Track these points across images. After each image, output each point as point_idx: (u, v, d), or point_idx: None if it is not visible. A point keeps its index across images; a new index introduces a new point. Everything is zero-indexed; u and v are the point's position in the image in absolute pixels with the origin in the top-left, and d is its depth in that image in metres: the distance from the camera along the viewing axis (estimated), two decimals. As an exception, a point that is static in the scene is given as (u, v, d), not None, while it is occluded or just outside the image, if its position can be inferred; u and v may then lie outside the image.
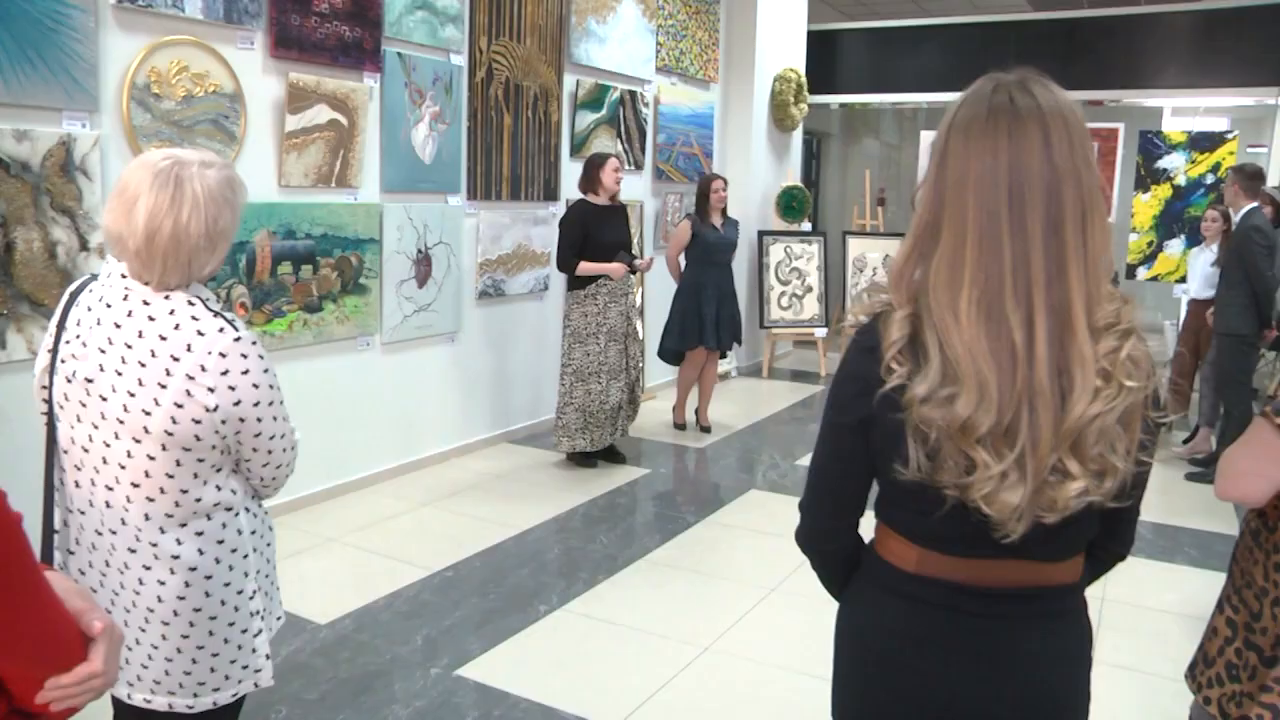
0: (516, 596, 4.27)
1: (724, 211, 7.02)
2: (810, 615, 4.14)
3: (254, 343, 1.95)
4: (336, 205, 5.20)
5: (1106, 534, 1.54)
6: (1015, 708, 1.49)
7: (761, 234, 9.44)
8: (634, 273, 6.21)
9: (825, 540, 1.66)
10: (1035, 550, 1.44)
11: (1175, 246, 9.44)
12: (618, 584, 4.47)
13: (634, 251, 6.45)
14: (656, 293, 7.98)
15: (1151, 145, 9.55)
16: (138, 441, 1.90)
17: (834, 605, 1.69)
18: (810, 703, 3.45)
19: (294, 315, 5.01)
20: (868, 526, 1.62)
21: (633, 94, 7.74)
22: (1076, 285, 1.32)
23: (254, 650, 2.09)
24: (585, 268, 5.87)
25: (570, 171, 6.69)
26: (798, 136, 10.38)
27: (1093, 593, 1.63)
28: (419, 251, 5.77)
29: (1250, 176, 6.22)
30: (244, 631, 2.06)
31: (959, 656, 1.49)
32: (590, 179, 5.97)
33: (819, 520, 1.64)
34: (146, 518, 1.94)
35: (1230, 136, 9.46)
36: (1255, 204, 6.12)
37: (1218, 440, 6.49)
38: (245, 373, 1.92)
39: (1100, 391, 1.31)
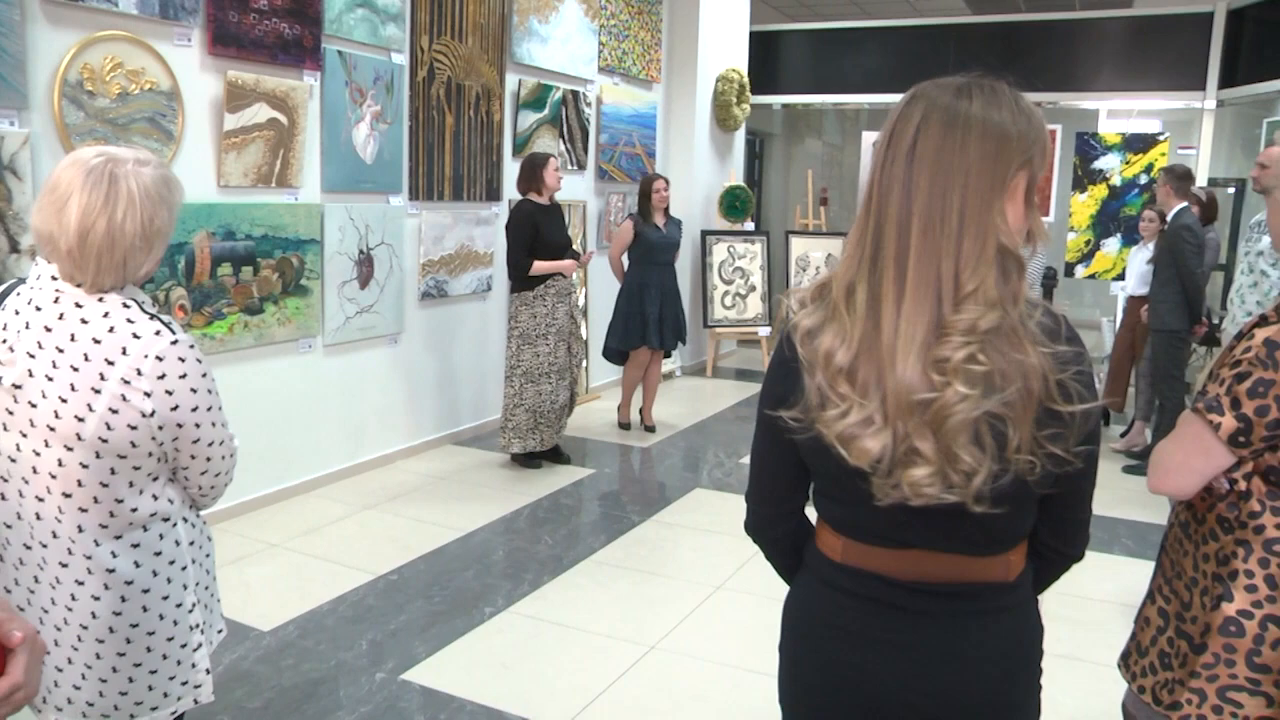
0: (462, 599, 4.25)
1: (666, 211, 7.03)
2: (755, 612, 4.16)
3: (192, 345, 1.91)
4: (277, 205, 5.13)
5: (1050, 532, 1.55)
6: (948, 706, 1.50)
7: (705, 233, 9.46)
8: (581, 266, 6.22)
9: (770, 527, 1.69)
10: (953, 543, 1.45)
11: (1112, 245, 9.64)
12: (563, 584, 4.46)
13: (574, 249, 6.46)
14: (600, 292, 7.97)
15: (1088, 146, 9.74)
16: (70, 449, 1.84)
17: (778, 602, 1.70)
18: (756, 699, 3.47)
19: (234, 317, 4.94)
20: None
21: (575, 94, 7.72)
22: (914, 280, 1.36)
23: (193, 665, 2.03)
24: (540, 267, 5.85)
25: (513, 171, 6.66)
26: (740, 136, 10.42)
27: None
28: (361, 252, 5.71)
29: (1180, 177, 6.37)
30: (183, 646, 2.01)
31: (889, 651, 1.51)
32: (533, 179, 5.94)
33: (762, 508, 1.68)
34: (80, 529, 1.89)
35: (1162, 138, 9.68)
36: (1185, 204, 6.27)
37: (1153, 434, 6.63)
38: (183, 377, 1.88)
39: (940, 387, 1.33)
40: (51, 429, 1.84)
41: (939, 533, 1.44)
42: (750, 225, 9.93)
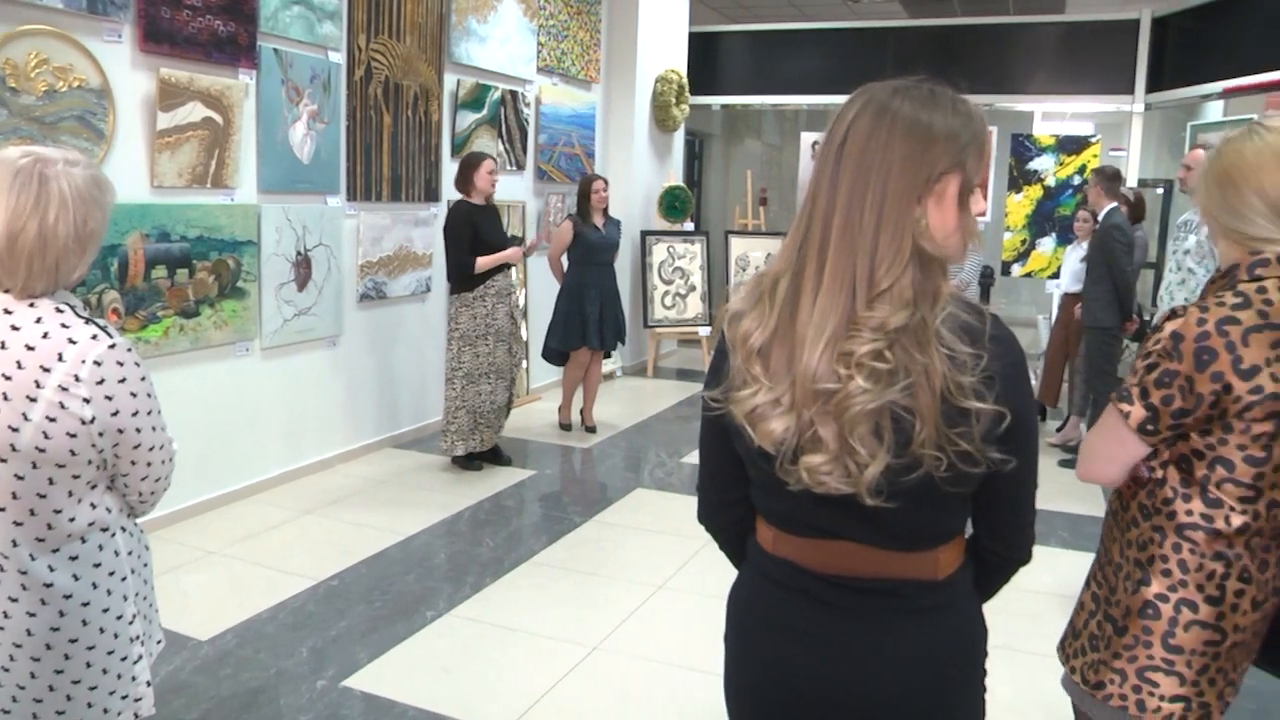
0: (403, 603, 4.22)
1: (605, 211, 7.03)
2: (697, 611, 4.18)
3: (130, 349, 1.87)
4: (212, 206, 5.05)
5: (988, 534, 1.57)
6: (879, 704, 1.51)
7: (644, 234, 9.48)
8: (526, 255, 6.19)
9: (718, 515, 1.70)
10: (876, 536, 1.46)
11: (1047, 244, 9.83)
12: (505, 587, 4.45)
13: (515, 234, 6.45)
14: (540, 293, 7.95)
15: (1023, 148, 9.92)
16: (4, 461, 1.80)
17: (720, 600, 1.71)
18: (698, 697, 3.48)
19: (169, 321, 4.86)
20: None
21: (514, 94, 7.69)
22: (830, 276, 1.38)
23: (134, 678, 1.99)
24: (484, 262, 5.82)
25: (452, 172, 6.62)
26: (679, 137, 10.45)
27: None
28: (298, 254, 5.64)
29: (1110, 178, 6.54)
30: (124, 660, 1.97)
31: (819, 646, 1.52)
32: (465, 180, 5.92)
33: (709, 496, 1.70)
34: (14, 544, 1.83)
35: (1094, 140, 9.88)
36: (1115, 204, 6.42)
37: (1087, 427, 6.76)
38: (123, 381, 1.84)
39: (844, 380, 1.35)
40: None
41: (859, 524, 1.45)
42: (690, 225, 9.97)
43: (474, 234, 5.80)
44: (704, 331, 9.66)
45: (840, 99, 1.48)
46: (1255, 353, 1.69)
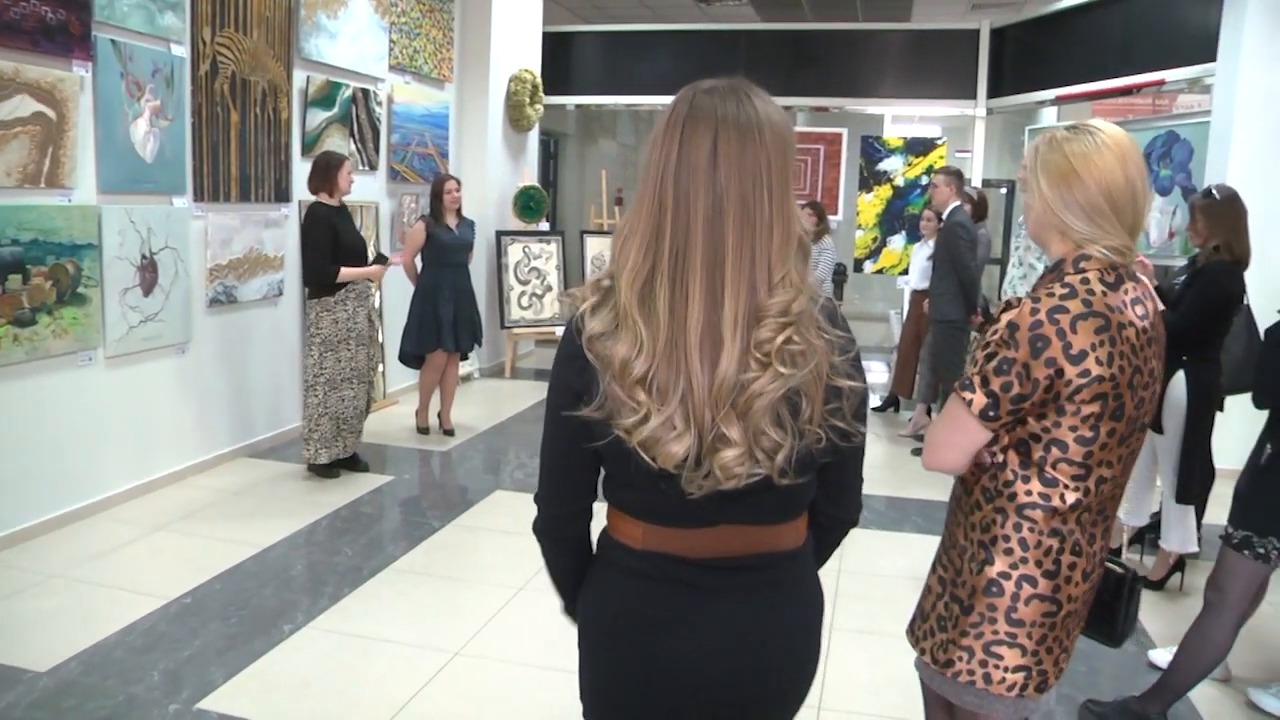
0: (260, 618, 4.11)
1: (459, 212, 6.97)
2: (558, 611, 4.19)
3: None
4: (48, 207, 4.81)
5: (828, 499, 1.65)
6: (746, 680, 1.57)
7: (499, 234, 9.43)
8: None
9: (567, 526, 1.70)
10: (755, 514, 1.53)
11: (897, 242, 10.17)
12: (364, 595, 4.38)
13: (381, 253, 6.38)
14: (394, 295, 7.83)
15: (872, 149, 10.24)
16: None
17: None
18: (560, 698, 3.50)
19: (2, 330, 4.60)
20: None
21: (365, 92, 7.56)
22: (732, 275, 1.42)
23: None
24: (349, 274, 5.72)
25: (303, 172, 6.46)
26: (534, 137, 10.42)
27: (829, 563, 1.76)
28: (143, 257, 5.43)
29: (953, 177, 6.82)
30: None
31: (688, 630, 1.56)
32: (327, 179, 5.78)
33: (553, 506, 1.68)
34: None
35: (940, 142, 10.26)
36: (958, 203, 6.69)
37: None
38: None
39: (757, 370, 1.41)
40: None
41: (740, 507, 1.50)
42: (545, 225, 9.96)
43: (334, 237, 5.69)
44: (561, 331, 9.65)
45: None
46: (1082, 339, 1.82)
